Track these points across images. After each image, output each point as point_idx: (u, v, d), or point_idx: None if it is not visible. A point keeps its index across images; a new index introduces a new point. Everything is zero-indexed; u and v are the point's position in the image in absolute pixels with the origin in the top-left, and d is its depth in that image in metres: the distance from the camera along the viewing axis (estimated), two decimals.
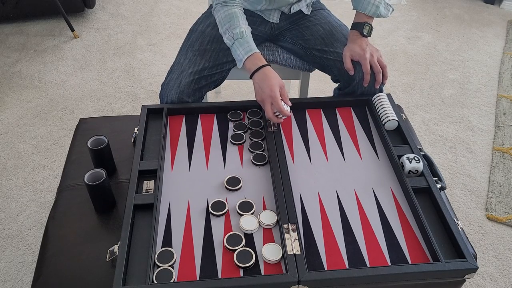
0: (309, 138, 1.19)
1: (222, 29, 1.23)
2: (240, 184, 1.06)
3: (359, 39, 1.28)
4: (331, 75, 1.40)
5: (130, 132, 1.25)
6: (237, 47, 1.20)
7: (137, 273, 0.87)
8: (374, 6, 1.27)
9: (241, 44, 1.20)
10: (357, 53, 1.26)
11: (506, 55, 2.43)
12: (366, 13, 1.28)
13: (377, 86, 1.27)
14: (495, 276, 1.43)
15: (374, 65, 1.25)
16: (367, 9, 1.27)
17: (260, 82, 1.15)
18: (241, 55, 1.19)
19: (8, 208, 1.61)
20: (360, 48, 1.26)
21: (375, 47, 1.29)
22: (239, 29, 1.20)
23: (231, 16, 1.22)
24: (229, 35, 1.21)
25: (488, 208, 1.63)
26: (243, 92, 2.15)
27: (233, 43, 1.20)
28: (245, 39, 1.20)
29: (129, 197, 0.99)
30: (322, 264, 0.89)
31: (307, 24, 1.39)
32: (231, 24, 1.21)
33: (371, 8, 1.27)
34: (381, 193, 1.04)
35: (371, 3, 1.26)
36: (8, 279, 1.40)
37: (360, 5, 1.28)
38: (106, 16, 2.69)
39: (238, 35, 1.20)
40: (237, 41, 1.20)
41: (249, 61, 1.18)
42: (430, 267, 0.86)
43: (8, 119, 1.99)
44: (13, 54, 2.38)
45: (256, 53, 1.19)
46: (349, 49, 1.28)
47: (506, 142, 1.90)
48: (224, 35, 1.23)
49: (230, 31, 1.21)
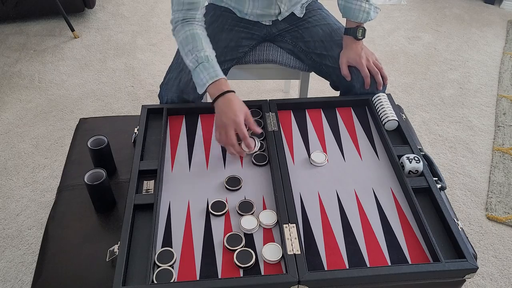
0: (309, 138, 1.19)
1: (184, 50, 1.15)
2: (240, 184, 1.06)
3: (354, 44, 1.29)
4: (330, 81, 1.40)
5: (130, 132, 1.25)
6: (201, 70, 1.12)
7: (137, 273, 0.87)
8: (365, 13, 1.27)
9: (206, 68, 1.12)
10: (353, 59, 1.28)
11: (506, 55, 2.43)
12: (358, 21, 1.29)
13: (380, 87, 1.28)
14: (495, 276, 1.43)
15: (371, 68, 1.27)
16: (358, 17, 1.28)
17: (224, 106, 1.07)
18: (205, 79, 1.11)
19: (8, 208, 1.61)
20: (355, 53, 1.27)
21: (370, 50, 1.31)
22: (203, 52, 1.13)
23: (193, 36, 1.15)
24: (193, 57, 1.13)
25: (488, 208, 1.63)
26: (243, 92, 2.16)
27: (197, 67, 1.12)
28: (210, 63, 1.12)
29: (129, 197, 0.99)
30: (322, 264, 0.89)
31: (306, 26, 1.39)
32: (194, 46, 1.14)
33: (362, 15, 1.28)
34: (381, 193, 1.04)
35: (362, 11, 1.27)
36: (8, 279, 1.40)
37: (351, 14, 1.28)
38: (106, 16, 2.69)
39: (203, 59, 1.12)
40: (201, 65, 1.12)
41: (213, 86, 1.11)
42: (430, 267, 0.86)
43: (8, 119, 1.99)
44: (13, 54, 2.38)
45: (222, 79, 1.12)
46: (345, 56, 1.30)
47: (506, 142, 1.90)
48: (187, 57, 1.15)
49: (194, 53, 1.13)
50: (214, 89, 1.10)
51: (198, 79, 1.13)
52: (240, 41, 1.38)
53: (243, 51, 1.41)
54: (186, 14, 1.16)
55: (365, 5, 1.26)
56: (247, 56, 1.46)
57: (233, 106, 1.07)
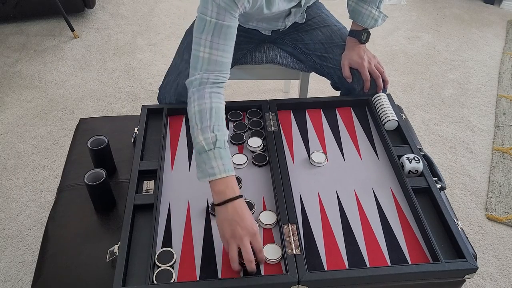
0: (309, 138, 1.19)
1: (201, 123, 0.94)
2: (240, 184, 1.06)
3: (357, 46, 1.29)
4: (332, 81, 1.40)
5: (130, 132, 1.25)
6: (215, 157, 0.91)
7: (137, 273, 0.87)
8: (373, 20, 1.28)
9: (222, 157, 0.92)
10: (355, 62, 1.28)
11: (506, 55, 2.43)
12: (365, 26, 1.29)
13: (379, 91, 1.29)
14: (495, 276, 1.43)
15: (373, 72, 1.27)
16: (366, 23, 1.28)
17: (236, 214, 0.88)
18: (217, 170, 0.90)
19: (8, 208, 1.61)
20: (358, 56, 1.27)
21: (372, 53, 1.31)
22: (225, 136, 0.95)
23: (218, 112, 0.96)
24: (211, 137, 0.92)
25: (488, 208, 1.63)
26: (243, 92, 2.15)
27: (211, 150, 0.92)
28: (226, 152, 0.93)
29: (129, 197, 0.99)
30: (322, 264, 0.89)
31: (306, 29, 1.39)
32: (216, 124, 0.94)
33: (370, 21, 1.28)
34: (381, 193, 1.04)
35: (371, 17, 1.27)
36: (8, 279, 1.40)
37: (359, 18, 1.29)
38: (106, 16, 2.69)
39: (222, 143, 0.93)
40: (217, 150, 0.92)
41: (223, 182, 0.91)
42: (430, 267, 0.86)
43: (8, 119, 1.99)
44: (13, 54, 2.38)
45: (234, 176, 0.93)
46: (347, 57, 1.30)
47: (506, 142, 1.90)
48: (201, 133, 0.93)
49: (213, 132, 0.93)
50: (224, 187, 0.90)
51: (207, 165, 0.91)
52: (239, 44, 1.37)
53: (242, 53, 1.41)
54: (218, 76, 0.99)
55: (375, 12, 1.26)
56: (247, 56, 1.46)
57: (247, 214, 0.89)
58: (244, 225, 0.87)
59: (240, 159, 1.11)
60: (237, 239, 0.86)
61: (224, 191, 0.90)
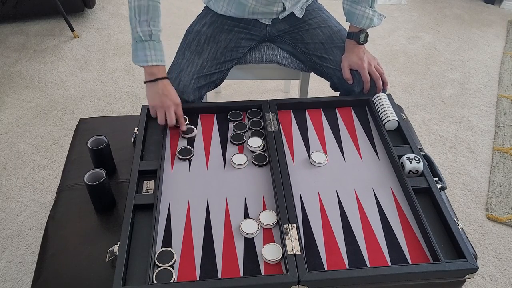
0: (309, 138, 1.19)
1: (139, 17, 1.11)
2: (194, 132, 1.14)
3: (356, 48, 1.29)
4: (331, 82, 1.40)
5: (130, 132, 1.25)
6: (150, 47, 1.12)
7: (137, 273, 0.87)
8: (368, 20, 1.28)
9: (156, 48, 1.13)
10: (355, 63, 1.28)
11: (506, 55, 2.43)
12: (360, 26, 1.29)
13: (379, 93, 1.29)
14: (495, 276, 1.43)
15: (373, 73, 1.28)
16: (361, 23, 1.29)
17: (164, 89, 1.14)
18: (149, 58, 1.13)
19: (8, 208, 1.61)
20: (357, 57, 1.28)
21: (372, 55, 1.31)
22: (159, 32, 1.13)
23: (154, 9, 1.12)
24: (147, 30, 1.11)
25: (488, 208, 1.63)
26: (243, 92, 2.15)
27: (147, 41, 1.12)
28: (160, 45, 1.14)
29: (129, 197, 0.99)
30: (322, 264, 0.89)
31: (306, 28, 1.39)
32: (153, 19, 1.11)
33: (365, 21, 1.28)
34: (381, 193, 1.04)
35: (365, 17, 1.28)
36: (8, 279, 1.40)
37: (354, 19, 1.29)
38: (106, 16, 2.69)
39: (157, 38, 1.13)
40: (152, 42, 1.13)
41: (156, 68, 1.14)
42: (430, 267, 0.86)
43: (8, 119, 1.99)
44: (13, 54, 2.38)
45: (164, 66, 1.17)
46: (347, 59, 1.30)
47: (506, 142, 1.90)
48: (139, 26, 1.11)
49: (150, 27, 1.11)
50: (156, 71, 1.15)
51: (141, 53, 1.13)
52: (239, 42, 1.38)
53: (243, 51, 1.41)
54: None
55: (369, 11, 1.26)
56: (247, 56, 1.46)
57: (172, 90, 1.16)
58: (172, 97, 1.14)
59: (240, 159, 1.11)
60: (164, 108, 1.14)
61: (155, 73, 1.14)
